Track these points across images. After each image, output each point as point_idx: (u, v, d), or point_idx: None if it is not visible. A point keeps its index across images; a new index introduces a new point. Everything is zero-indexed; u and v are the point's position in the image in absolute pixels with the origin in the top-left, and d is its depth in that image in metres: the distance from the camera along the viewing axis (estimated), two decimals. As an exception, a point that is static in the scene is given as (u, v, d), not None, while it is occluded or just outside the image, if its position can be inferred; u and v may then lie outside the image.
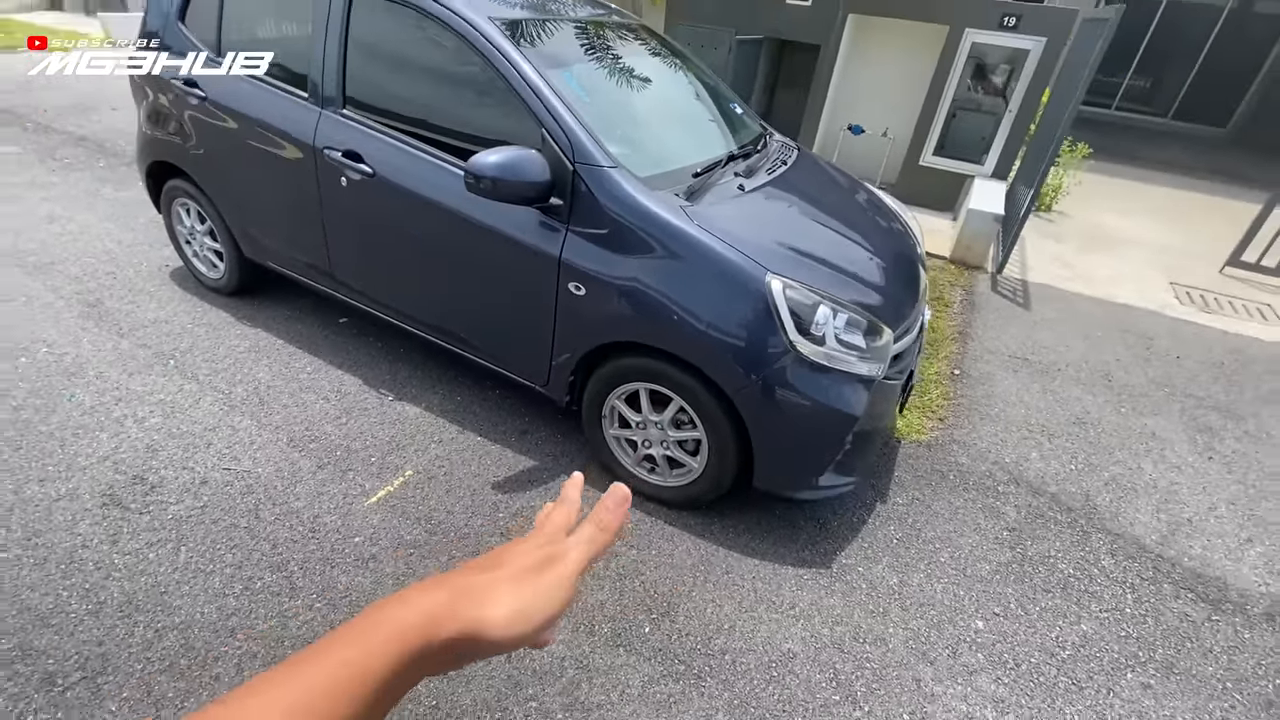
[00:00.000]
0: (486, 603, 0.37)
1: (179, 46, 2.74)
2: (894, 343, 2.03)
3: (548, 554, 0.42)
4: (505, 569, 0.40)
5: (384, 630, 0.34)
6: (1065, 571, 2.24)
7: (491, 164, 1.87)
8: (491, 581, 0.39)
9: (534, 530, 0.45)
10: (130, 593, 1.78)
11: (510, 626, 0.37)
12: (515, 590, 0.39)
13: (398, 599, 0.36)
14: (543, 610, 0.39)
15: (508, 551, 0.42)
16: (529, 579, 0.40)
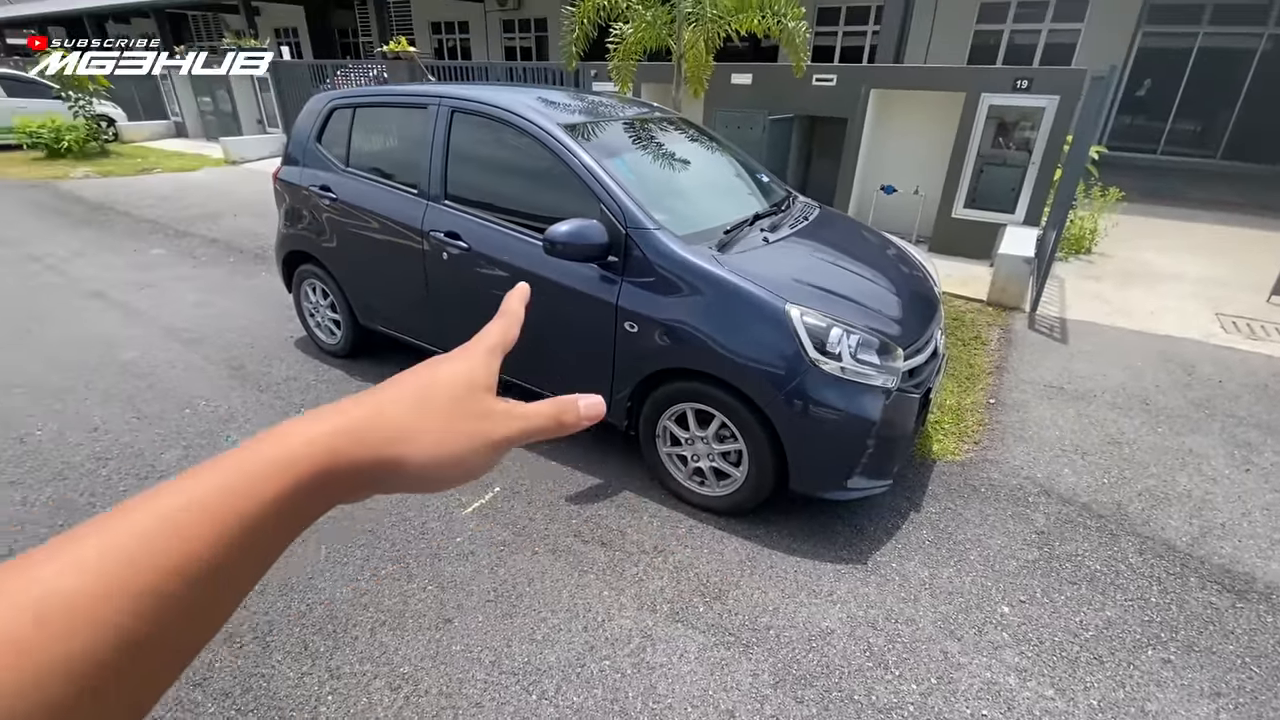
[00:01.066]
0: (408, 429, 0.33)
1: (316, 162, 3.49)
2: (905, 360, 2.37)
3: (477, 404, 0.36)
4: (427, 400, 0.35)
5: (263, 459, 0.29)
6: (1092, 567, 2.41)
7: (563, 232, 2.40)
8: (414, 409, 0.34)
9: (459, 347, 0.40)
10: (285, 578, 2.24)
11: (431, 461, 0.33)
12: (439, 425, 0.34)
13: (276, 432, 0.31)
14: (461, 458, 0.35)
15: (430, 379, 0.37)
16: (454, 419, 0.35)
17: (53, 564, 0.24)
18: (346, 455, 0.31)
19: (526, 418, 0.38)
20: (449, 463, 0.34)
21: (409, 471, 0.33)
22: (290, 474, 0.29)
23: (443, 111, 2.99)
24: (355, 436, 0.32)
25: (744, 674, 1.93)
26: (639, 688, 1.88)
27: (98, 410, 3.28)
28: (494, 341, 0.41)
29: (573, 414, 0.39)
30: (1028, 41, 12.30)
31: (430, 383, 0.36)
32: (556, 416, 0.39)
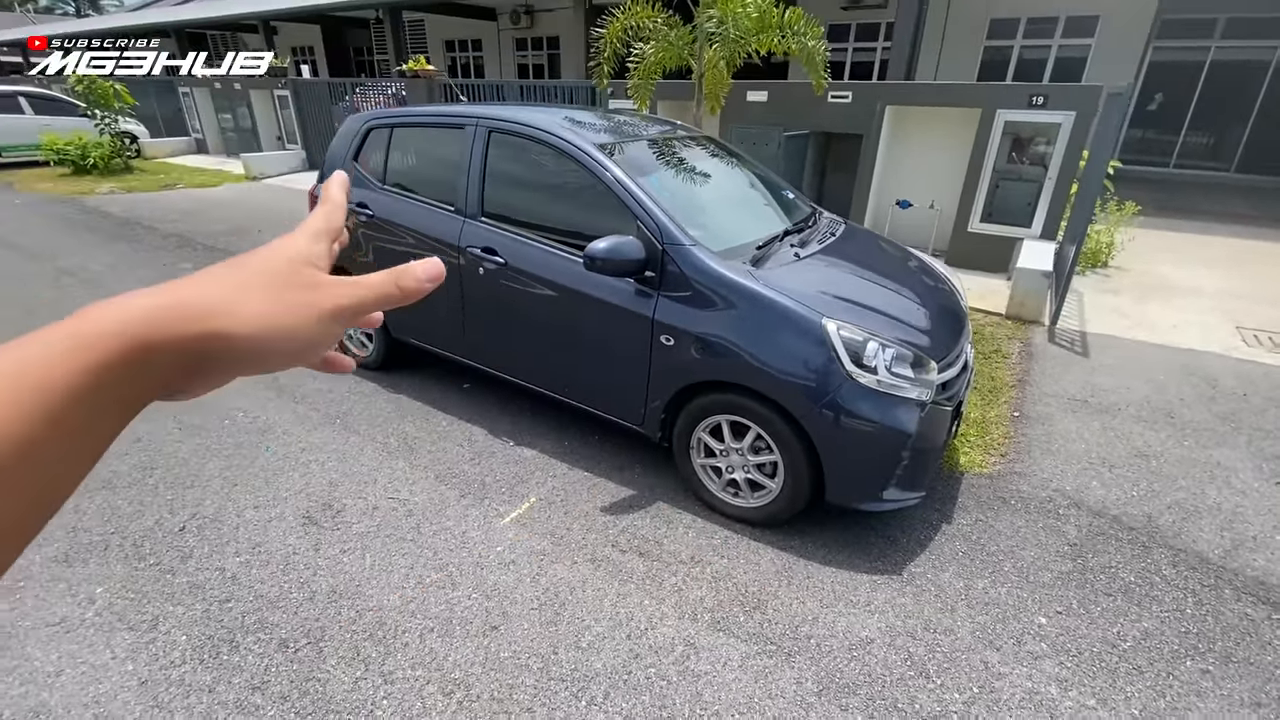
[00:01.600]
0: (231, 301, 0.31)
1: (353, 180, 3.58)
2: (939, 373, 2.41)
3: (302, 276, 0.35)
4: (249, 274, 0.34)
5: (63, 332, 0.27)
6: (1126, 579, 2.43)
7: (602, 249, 2.46)
8: (236, 283, 0.33)
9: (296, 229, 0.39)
10: (334, 585, 2.29)
11: (258, 330, 0.32)
12: (263, 295, 0.33)
13: (91, 308, 0.29)
14: (291, 328, 0.33)
15: (251, 257, 0.35)
16: (280, 290, 0.33)
17: None
18: (164, 327, 0.29)
19: (358, 284, 0.36)
20: (279, 335, 0.33)
21: (237, 345, 0.31)
22: (98, 347, 0.27)
23: (480, 131, 3.08)
24: (170, 311, 0.30)
25: (788, 682, 1.96)
26: (685, 694, 1.91)
27: (139, 423, 3.35)
28: (318, 225, 0.39)
29: (410, 277, 0.37)
30: (1038, 57, 12.39)
31: (249, 259, 0.35)
32: (394, 281, 0.37)
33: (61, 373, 0.26)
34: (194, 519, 2.63)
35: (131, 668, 1.96)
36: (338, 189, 0.43)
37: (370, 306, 0.37)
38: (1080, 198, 5.74)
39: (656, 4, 4.78)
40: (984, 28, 12.51)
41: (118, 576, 2.32)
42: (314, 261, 0.37)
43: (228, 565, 2.38)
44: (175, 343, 0.29)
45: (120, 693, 1.88)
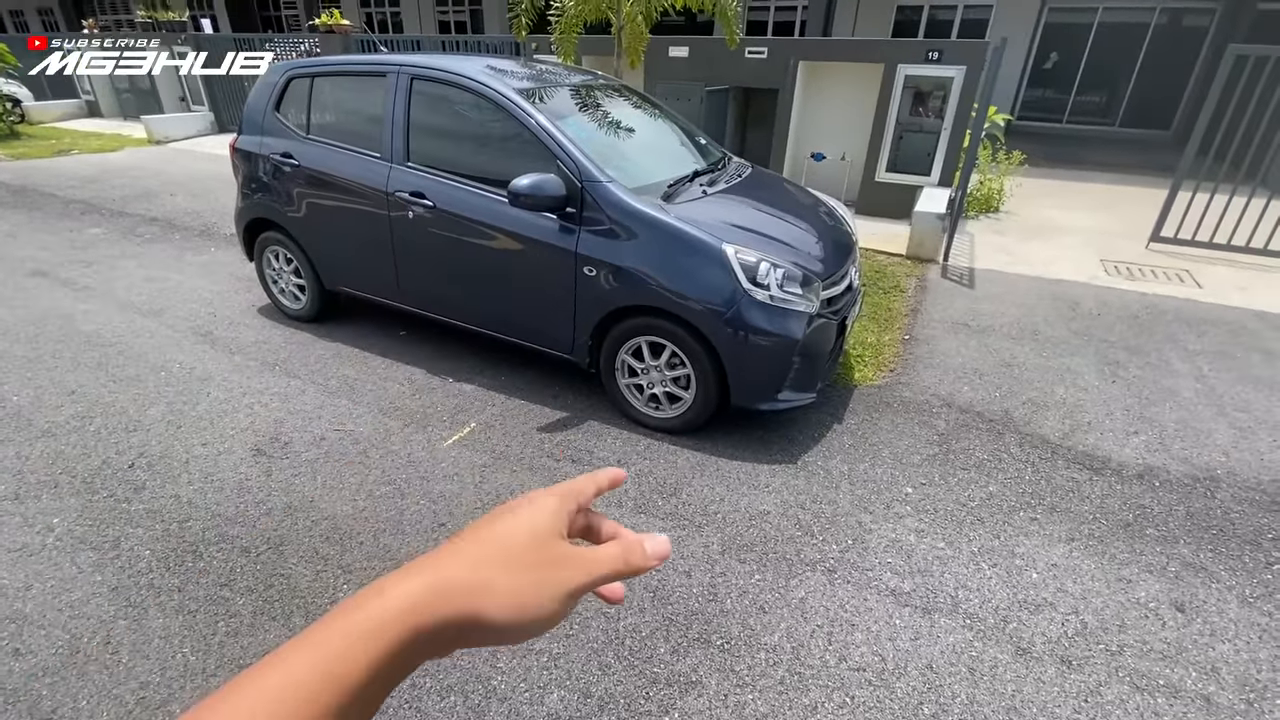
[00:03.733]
0: (484, 582, 0.34)
1: (276, 131, 3.62)
2: (823, 290, 2.78)
3: (550, 552, 0.37)
4: (499, 551, 0.36)
5: (359, 627, 0.31)
6: (980, 457, 2.91)
7: (525, 185, 2.69)
8: (487, 562, 0.35)
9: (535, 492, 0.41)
10: (288, 502, 2.49)
11: (508, 612, 0.34)
12: (512, 577, 0.35)
13: (373, 590, 0.33)
14: (537, 608, 0.35)
15: (503, 529, 0.38)
16: (528, 570, 0.36)
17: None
18: (430, 613, 0.32)
19: (597, 562, 0.38)
20: (527, 618, 0.35)
21: (490, 626, 0.34)
22: (388, 637, 0.31)
23: (402, 79, 3.20)
24: (436, 594, 0.33)
25: (697, 545, 2.32)
26: (611, 562, 2.24)
27: (71, 376, 3.37)
28: (565, 488, 0.42)
29: (638, 554, 0.40)
30: (946, 18, 13.02)
31: (508, 533, 0.37)
32: (623, 558, 0.39)
33: (354, 669, 0.29)
34: (142, 457, 2.74)
35: (100, 578, 2.12)
36: (610, 470, 0.47)
37: (604, 581, 0.39)
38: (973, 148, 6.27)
39: (573, -43, 4.88)
40: (897, -12, 13.00)
41: (72, 508, 2.44)
42: (561, 530, 0.39)
43: (182, 493, 2.53)
44: (442, 624, 0.32)
45: (93, 598, 2.05)
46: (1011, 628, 2.05)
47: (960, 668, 1.91)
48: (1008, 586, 2.21)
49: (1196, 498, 2.69)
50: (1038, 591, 2.19)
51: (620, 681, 1.85)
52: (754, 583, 2.19)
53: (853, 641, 1.99)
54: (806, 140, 7.25)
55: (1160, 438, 3.10)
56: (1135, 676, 1.90)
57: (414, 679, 1.84)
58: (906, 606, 2.11)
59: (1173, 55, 12.33)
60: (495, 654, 1.91)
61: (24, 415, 3.02)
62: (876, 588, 2.19)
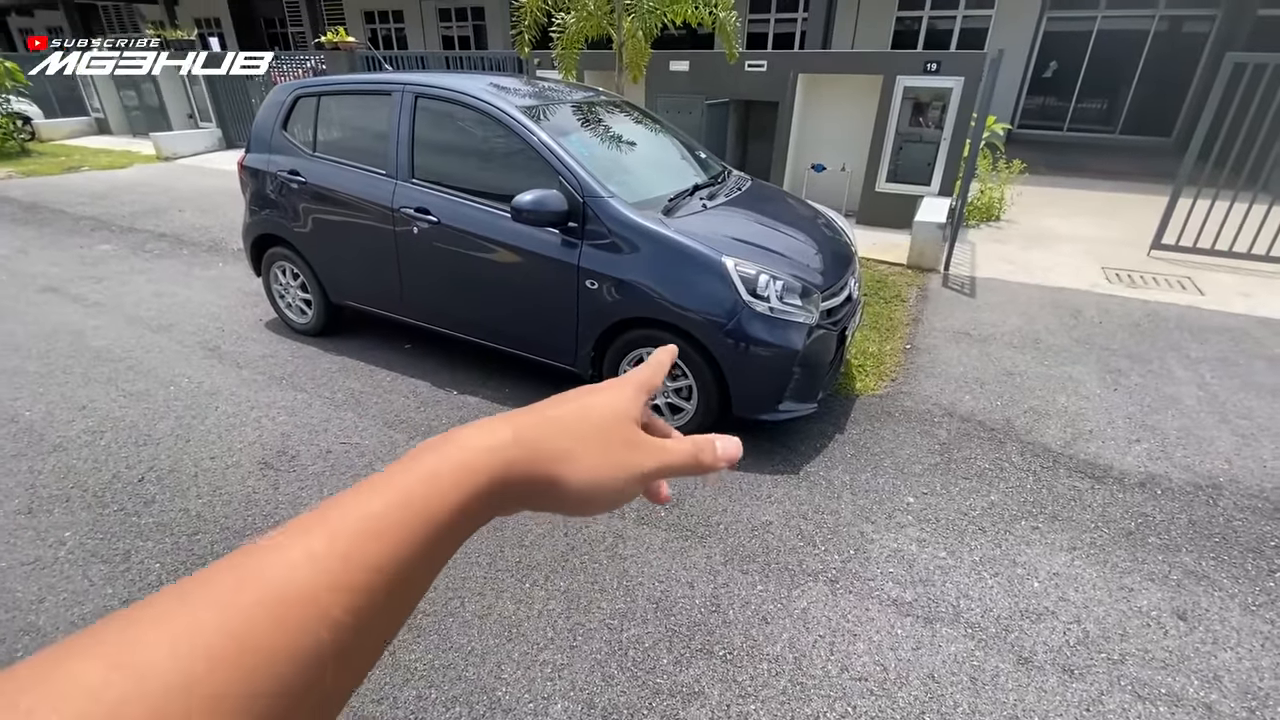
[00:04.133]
0: (571, 451, 0.35)
1: (283, 149, 3.69)
2: (823, 302, 2.81)
3: (628, 434, 0.38)
4: (587, 427, 0.37)
5: (447, 468, 0.31)
6: (981, 466, 2.93)
7: (528, 201, 2.73)
8: (576, 433, 0.36)
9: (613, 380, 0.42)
10: (295, 515, 2.51)
11: (587, 484, 0.35)
12: (596, 451, 0.36)
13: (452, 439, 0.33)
14: (612, 485, 0.36)
15: (589, 405, 0.38)
16: (610, 448, 0.36)
17: (285, 554, 0.25)
18: (519, 467, 0.33)
19: (669, 452, 0.39)
20: (601, 491, 0.35)
21: (565, 493, 0.34)
22: (471, 482, 0.31)
23: (406, 98, 3.26)
24: (528, 449, 0.33)
25: (699, 557, 2.34)
26: (613, 572, 2.26)
27: (81, 391, 3.42)
28: (642, 379, 0.43)
29: (709, 453, 0.41)
30: (945, 27, 13.12)
31: (589, 407, 0.38)
32: (694, 455, 0.40)
33: (444, 505, 0.29)
34: (152, 471, 2.78)
35: (111, 590, 2.15)
36: (666, 354, 0.47)
37: (673, 473, 0.39)
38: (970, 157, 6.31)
39: (574, -25, 4.96)
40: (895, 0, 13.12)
41: (84, 522, 2.47)
42: (637, 417, 0.40)
43: (191, 506, 2.57)
44: (525, 482, 0.33)
45: (104, 611, 2.08)
46: (1013, 637, 2.05)
47: (962, 677, 1.92)
48: (1009, 596, 2.21)
49: (1199, 506, 2.69)
50: (1039, 600, 2.20)
51: (624, 692, 1.86)
52: (756, 593, 2.20)
53: (855, 651, 2.00)
54: (807, 152, 7.31)
55: (1162, 445, 3.10)
56: (1137, 685, 1.91)
57: (419, 690, 1.86)
58: (908, 616, 2.12)
59: (1173, 62, 12.40)
60: (500, 664, 1.93)
61: (36, 430, 3.07)
62: (878, 598, 2.20)
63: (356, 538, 0.27)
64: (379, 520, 0.27)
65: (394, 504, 0.28)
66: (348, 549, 0.26)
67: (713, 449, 0.41)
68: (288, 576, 0.24)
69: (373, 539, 0.27)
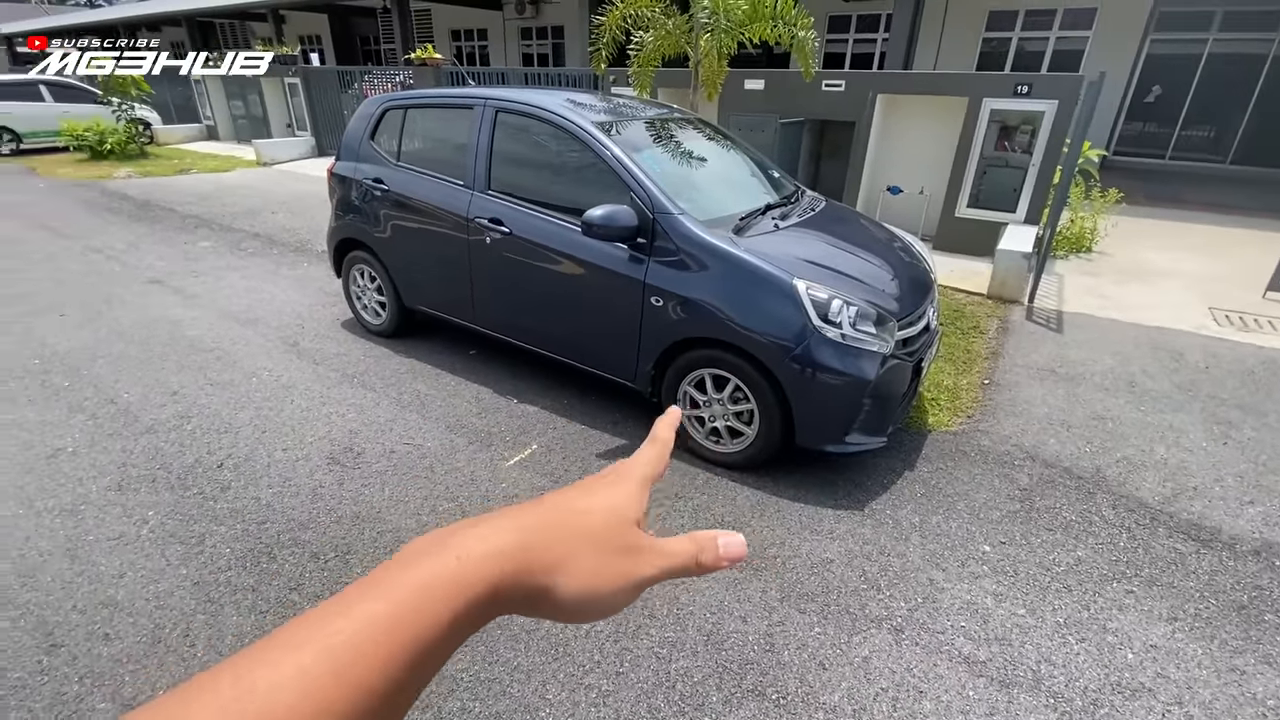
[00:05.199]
0: (560, 571, 0.33)
1: (369, 158, 3.86)
2: (899, 331, 2.68)
3: (628, 540, 0.36)
4: (586, 533, 0.35)
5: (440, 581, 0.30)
6: (1067, 518, 2.70)
7: (599, 215, 2.74)
8: (573, 541, 0.35)
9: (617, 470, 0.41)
10: (357, 512, 2.59)
11: (580, 596, 0.34)
12: (592, 562, 0.34)
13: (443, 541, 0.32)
14: (606, 595, 0.35)
15: (589, 508, 0.37)
16: (606, 556, 0.35)
17: (270, 673, 0.25)
18: (514, 578, 0.32)
19: (668, 556, 0.38)
20: (596, 600, 0.35)
21: (559, 603, 0.34)
22: (465, 596, 0.30)
23: (488, 111, 3.35)
24: (523, 559, 0.33)
25: (755, 590, 2.24)
26: (664, 599, 2.19)
27: (174, 378, 3.65)
28: (646, 472, 0.42)
29: (711, 553, 0.39)
30: (1036, 49, 12.55)
31: (588, 511, 0.37)
32: (695, 555, 0.38)
33: (435, 621, 0.29)
34: (230, 458, 2.92)
35: (185, 572, 2.25)
36: (667, 429, 0.45)
37: (672, 576, 0.38)
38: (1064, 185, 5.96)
39: (655, -6, 5.02)
40: (983, 20, 12.67)
41: (166, 503, 2.61)
42: (639, 517, 0.39)
43: (262, 495, 2.67)
44: (519, 590, 0.32)
45: (177, 590, 2.18)
46: (1103, 713, 1.86)
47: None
48: (1099, 665, 2.01)
49: (1326, 582, 2.38)
50: (1134, 674, 1.98)
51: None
52: (814, 635, 2.08)
53: (921, 711, 1.85)
54: (882, 173, 7.09)
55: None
56: (1252, 785, 1.68)
57: (463, 702, 1.85)
58: (981, 677, 1.96)
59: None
60: (545, 683, 1.90)
61: (132, 412, 3.29)
62: (948, 653, 2.04)
63: (346, 655, 0.26)
64: (369, 638, 0.27)
65: (384, 622, 0.28)
66: (337, 668, 0.26)
67: (714, 549, 0.39)
68: (275, 697, 0.25)
69: (362, 658, 0.27)
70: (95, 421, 3.20)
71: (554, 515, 0.36)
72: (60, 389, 3.51)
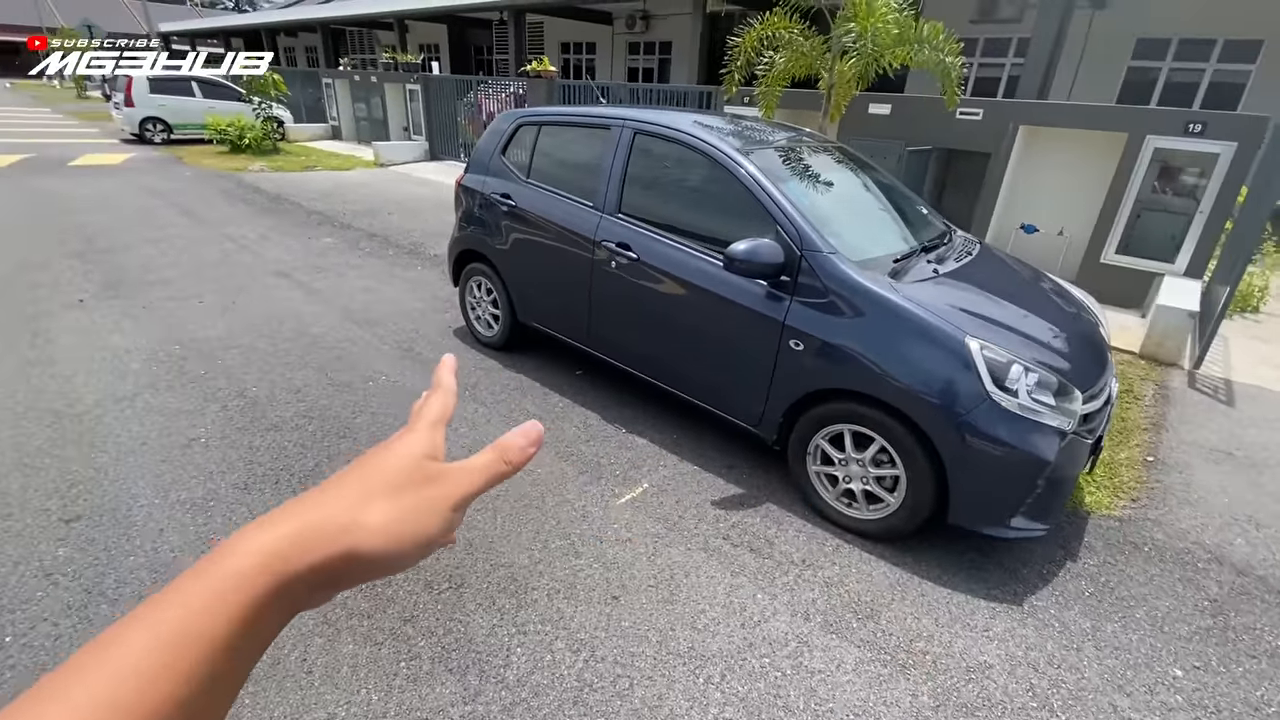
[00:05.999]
0: (357, 517, 0.33)
1: (499, 172, 3.85)
2: (1083, 404, 2.34)
3: (425, 471, 0.36)
4: (375, 482, 0.35)
5: (215, 582, 0.29)
6: (1273, 643, 2.26)
7: (742, 250, 2.56)
8: (361, 495, 0.34)
9: (408, 424, 0.40)
10: (469, 539, 2.50)
11: (386, 541, 0.33)
12: (389, 504, 0.34)
13: (225, 548, 0.31)
14: (416, 531, 0.34)
15: (376, 462, 0.37)
16: (404, 494, 0.35)
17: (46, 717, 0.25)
18: (297, 560, 0.31)
19: (475, 469, 0.38)
20: (407, 539, 0.34)
21: (368, 560, 0.33)
22: (244, 591, 0.29)
23: (625, 133, 3.25)
24: (302, 539, 0.31)
25: (902, 693, 1.97)
26: (800, 688, 1.96)
27: (298, 375, 3.76)
28: (434, 415, 0.41)
29: (514, 450, 0.39)
30: (1189, 80, 11.41)
31: (372, 465, 0.36)
32: (500, 457, 0.39)
33: (219, 623, 0.28)
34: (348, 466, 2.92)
35: (305, 586, 2.23)
36: (448, 374, 0.45)
37: (485, 488, 0.38)
38: (1237, 236, 5.28)
39: (793, 14, 4.82)
40: (1129, 47, 11.66)
41: (288, 507, 2.63)
42: (434, 453, 0.38)
43: (378, 510, 2.64)
44: (311, 569, 0.31)
45: (297, 606, 2.15)
46: None
47: None
48: None
49: None
50: None
51: None
52: (977, 759, 1.80)
53: None
54: (1017, 209, 6.56)
55: None
56: None
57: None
58: None
59: None
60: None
61: (259, 407, 3.39)
62: (1147, 808, 1.70)
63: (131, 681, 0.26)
64: (149, 660, 0.26)
65: (165, 637, 0.27)
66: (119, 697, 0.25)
67: (518, 444, 0.40)
68: None
69: (148, 679, 0.26)
70: (226, 413, 3.31)
71: (335, 483, 0.35)
72: (197, 377, 3.68)
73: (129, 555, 2.35)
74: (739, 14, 12.44)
